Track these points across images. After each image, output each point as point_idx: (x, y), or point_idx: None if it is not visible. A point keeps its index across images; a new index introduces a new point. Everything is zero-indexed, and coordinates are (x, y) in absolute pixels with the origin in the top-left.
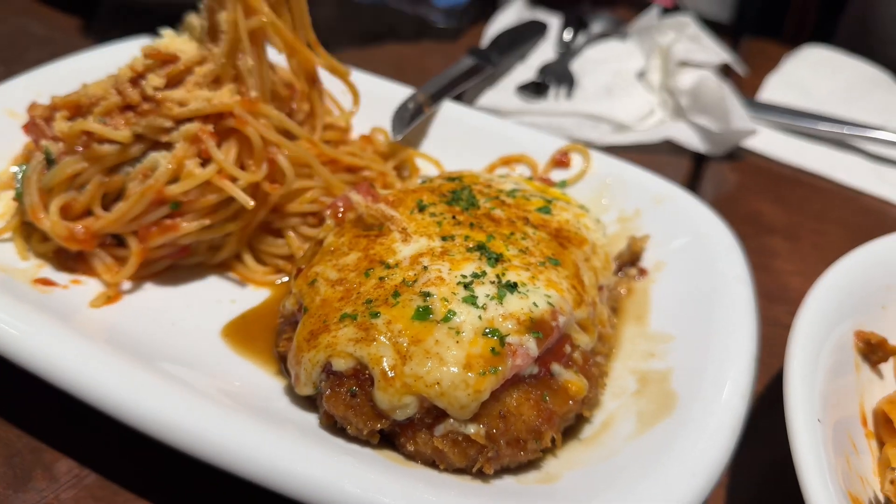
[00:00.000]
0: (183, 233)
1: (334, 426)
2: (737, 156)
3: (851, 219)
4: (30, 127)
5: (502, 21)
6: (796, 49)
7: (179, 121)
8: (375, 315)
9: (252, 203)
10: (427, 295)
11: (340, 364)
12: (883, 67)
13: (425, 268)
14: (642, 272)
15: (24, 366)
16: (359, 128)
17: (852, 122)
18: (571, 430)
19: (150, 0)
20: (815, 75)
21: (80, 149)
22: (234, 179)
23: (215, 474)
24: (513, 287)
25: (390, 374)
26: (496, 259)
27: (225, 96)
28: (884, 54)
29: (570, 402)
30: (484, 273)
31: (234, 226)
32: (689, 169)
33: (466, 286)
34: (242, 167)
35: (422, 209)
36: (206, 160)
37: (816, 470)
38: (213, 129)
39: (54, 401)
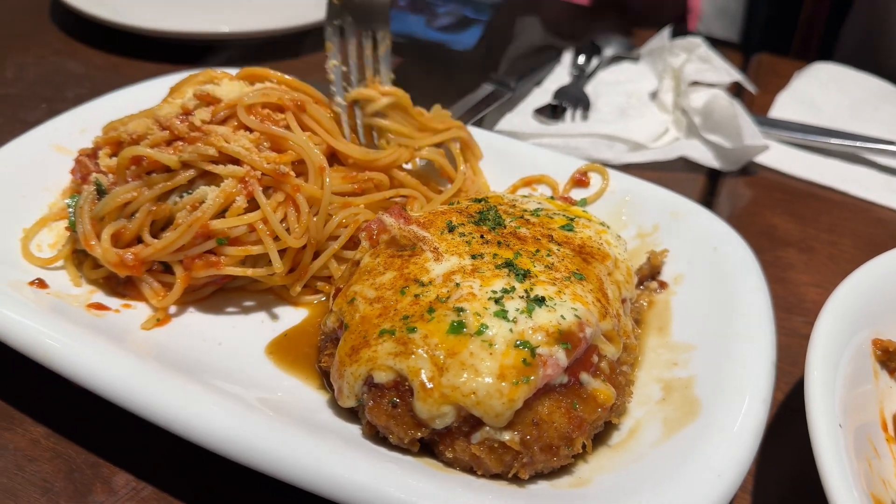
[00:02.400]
0: (224, 273)
1: (376, 436)
2: (750, 171)
3: (865, 230)
4: (76, 168)
5: (518, 48)
6: (805, 66)
7: (226, 156)
8: (412, 330)
9: (281, 268)
10: (460, 310)
11: (381, 377)
12: (890, 81)
13: (457, 285)
14: (662, 285)
15: (83, 384)
16: None
17: (863, 137)
18: (601, 436)
19: (180, 37)
20: (825, 91)
21: (130, 179)
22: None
23: (265, 483)
24: (541, 301)
25: (429, 385)
26: (524, 275)
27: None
28: (891, 65)
29: (599, 409)
30: (513, 288)
31: (275, 277)
32: (704, 185)
33: (497, 301)
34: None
35: (451, 230)
36: (251, 201)
37: (839, 472)
38: (260, 176)
39: (111, 418)
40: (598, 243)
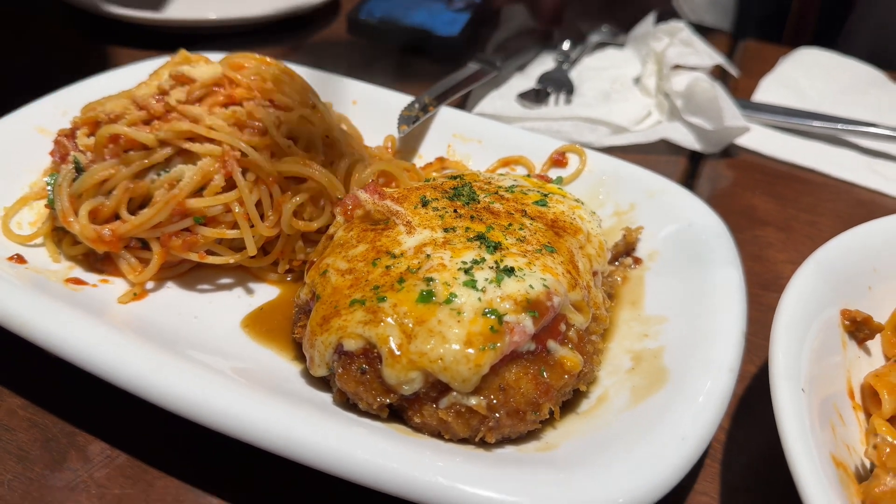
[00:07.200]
0: (206, 262)
1: (347, 403)
2: (731, 153)
3: (844, 210)
4: (55, 149)
5: (504, 34)
6: (791, 51)
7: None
8: (382, 300)
9: (255, 252)
10: (430, 280)
11: (351, 344)
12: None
13: (428, 256)
14: (637, 261)
15: (59, 354)
16: (366, 137)
17: (846, 119)
18: (570, 404)
19: (167, 24)
20: (810, 76)
21: (108, 157)
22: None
23: (237, 449)
24: (510, 271)
25: (397, 352)
26: (495, 247)
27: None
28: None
29: (566, 376)
30: (483, 260)
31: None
32: (686, 167)
33: (467, 271)
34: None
35: (425, 204)
36: (229, 180)
37: (799, 433)
38: (239, 155)
39: (87, 389)
40: (571, 218)
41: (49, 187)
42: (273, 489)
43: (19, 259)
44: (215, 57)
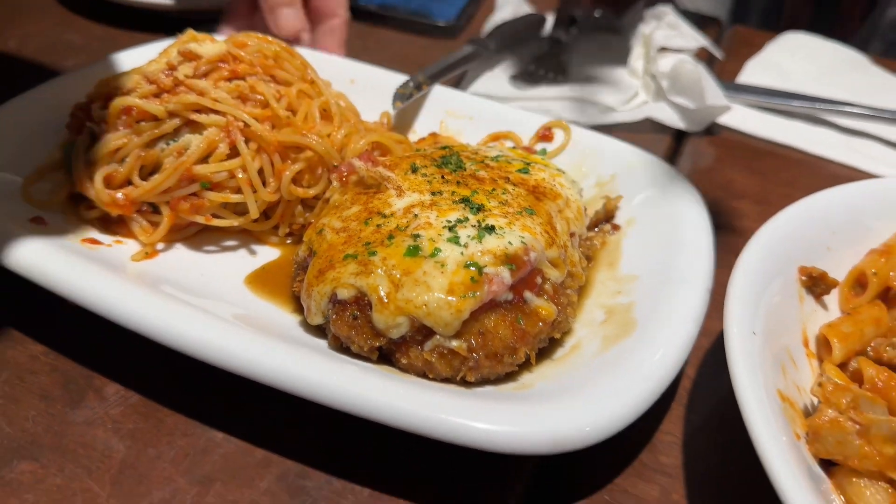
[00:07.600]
0: (212, 224)
1: (340, 347)
2: (714, 132)
3: (821, 185)
4: (71, 122)
5: (500, 17)
6: (777, 36)
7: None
8: (373, 254)
9: (257, 215)
10: (417, 236)
11: (344, 293)
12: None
13: (416, 216)
14: (616, 227)
15: (79, 302)
16: (363, 113)
17: (825, 99)
18: (546, 352)
19: (175, 9)
20: (794, 59)
21: (121, 128)
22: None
23: (240, 388)
24: (491, 230)
25: (385, 299)
26: (478, 209)
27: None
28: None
29: (541, 323)
30: (467, 219)
31: (257, 225)
32: (669, 145)
33: (451, 229)
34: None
35: (414, 171)
36: (233, 149)
37: (745, 364)
38: (242, 126)
39: (104, 336)
40: (552, 185)
41: (65, 157)
42: (274, 423)
43: (40, 221)
44: (220, 37)
